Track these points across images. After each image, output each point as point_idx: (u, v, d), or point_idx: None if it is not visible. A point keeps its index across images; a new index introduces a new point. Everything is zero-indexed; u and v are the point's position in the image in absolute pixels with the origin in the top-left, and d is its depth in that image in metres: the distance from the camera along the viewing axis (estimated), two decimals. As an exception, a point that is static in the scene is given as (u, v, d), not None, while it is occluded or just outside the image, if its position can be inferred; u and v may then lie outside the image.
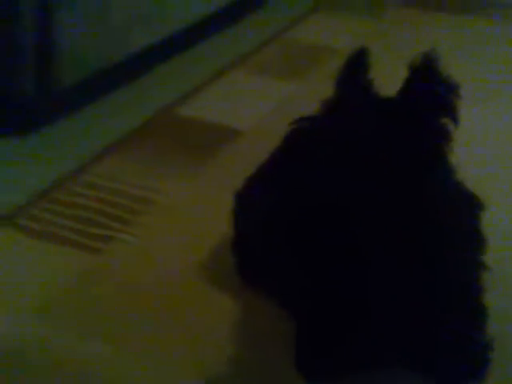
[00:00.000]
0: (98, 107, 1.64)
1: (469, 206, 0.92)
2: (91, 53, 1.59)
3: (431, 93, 0.84)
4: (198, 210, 1.28)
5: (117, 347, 0.97)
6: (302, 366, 0.92)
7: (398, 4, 2.37)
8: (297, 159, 0.89)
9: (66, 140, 1.50)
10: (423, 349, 0.90)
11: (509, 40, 2.06)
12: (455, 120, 0.85)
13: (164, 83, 1.78)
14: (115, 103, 1.67)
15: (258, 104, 1.69)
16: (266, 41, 2.07)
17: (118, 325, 1.01)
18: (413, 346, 0.90)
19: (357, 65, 0.89)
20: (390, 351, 0.90)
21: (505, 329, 0.98)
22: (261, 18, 2.24)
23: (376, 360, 0.91)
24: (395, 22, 2.21)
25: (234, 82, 1.81)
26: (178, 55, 1.91)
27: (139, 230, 1.22)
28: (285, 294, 0.99)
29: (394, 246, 0.83)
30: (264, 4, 2.33)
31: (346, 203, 0.82)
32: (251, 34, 2.11)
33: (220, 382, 0.92)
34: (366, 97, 0.87)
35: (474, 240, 0.93)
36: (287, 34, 2.12)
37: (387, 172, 0.82)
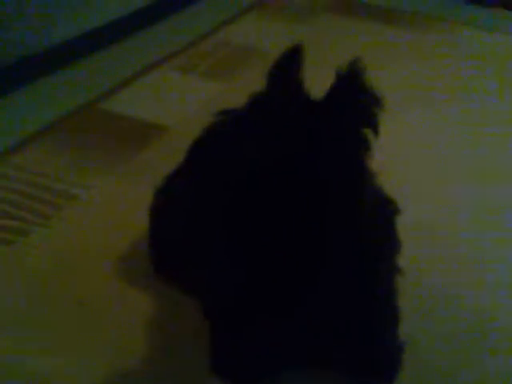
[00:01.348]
0: (19, 97, 1.59)
1: (385, 210, 0.94)
2: (10, 41, 1.54)
3: (355, 103, 0.86)
4: (119, 206, 1.26)
5: (24, 342, 0.95)
6: (217, 368, 0.92)
7: (328, 11, 2.40)
8: (211, 152, 0.88)
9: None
10: (338, 349, 0.92)
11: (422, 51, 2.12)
12: (375, 131, 0.86)
13: (89, 76, 1.75)
14: (37, 94, 1.62)
15: (185, 102, 1.67)
16: (196, 39, 2.06)
17: (27, 319, 0.99)
18: (328, 346, 0.91)
19: (290, 61, 0.89)
20: (304, 351, 0.91)
21: (415, 332, 1.01)
22: (193, 15, 2.23)
23: (291, 361, 0.92)
24: (325, 27, 2.24)
25: (161, 78, 1.79)
26: (104, 49, 1.88)
27: (57, 223, 1.20)
28: (199, 291, 0.99)
29: (313, 254, 0.84)
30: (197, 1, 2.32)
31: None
32: (181, 32, 2.09)
33: (128, 375, 0.91)
34: (293, 96, 0.87)
35: (390, 244, 0.94)
36: (218, 33, 2.12)
37: (301, 176, 0.82)
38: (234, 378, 0.92)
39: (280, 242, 0.82)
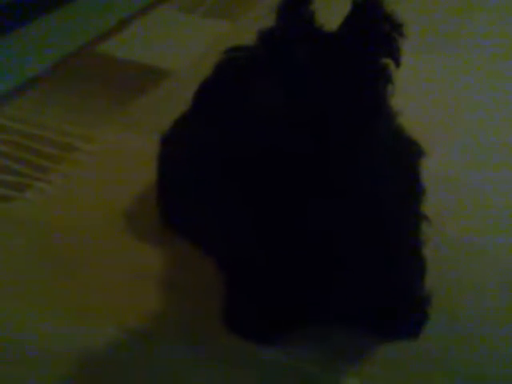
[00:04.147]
0: (10, 43, 1.54)
1: (408, 152, 0.89)
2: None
3: (373, 30, 0.80)
4: (123, 156, 1.22)
5: (28, 299, 0.92)
6: (232, 324, 0.90)
7: None
8: (223, 96, 0.83)
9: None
10: (361, 303, 0.88)
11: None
12: (396, 61, 0.81)
13: (86, 17, 1.69)
14: (29, 39, 1.58)
15: (188, 43, 1.62)
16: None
17: (28, 276, 0.97)
18: (350, 301, 0.88)
19: None
20: (324, 307, 0.88)
21: (441, 282, 0.97)
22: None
23: (313, 316, 0.89)
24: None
25: (162, 19, 1.73)
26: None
27: (57, 178, 1.16)
28: (212, 245, 0.96)
29: (332, 198, 0.81)
30: None
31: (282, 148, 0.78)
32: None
33: (138, 336, 0.88)
34: (305, 29, 0.82)
35: (413, 190, 0.90)
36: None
37: (321, 111, 0.78)
38: (249, 335, 0.89)
39: (291, 188, 0.79)
